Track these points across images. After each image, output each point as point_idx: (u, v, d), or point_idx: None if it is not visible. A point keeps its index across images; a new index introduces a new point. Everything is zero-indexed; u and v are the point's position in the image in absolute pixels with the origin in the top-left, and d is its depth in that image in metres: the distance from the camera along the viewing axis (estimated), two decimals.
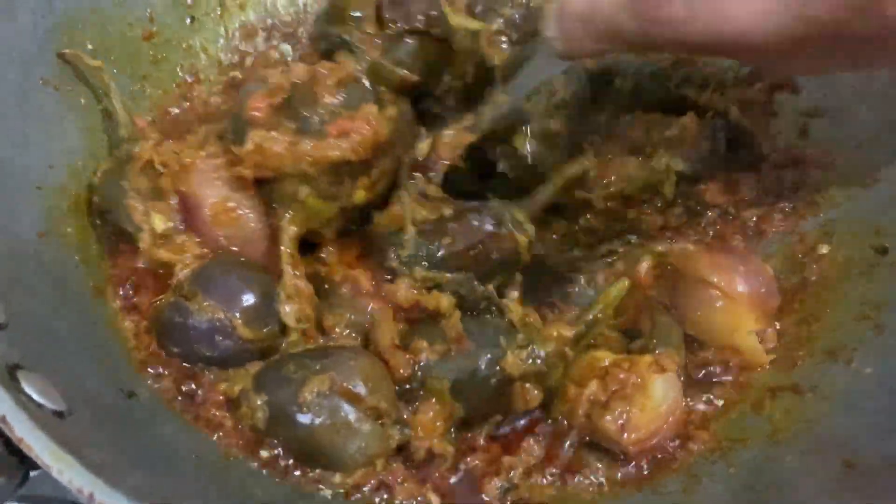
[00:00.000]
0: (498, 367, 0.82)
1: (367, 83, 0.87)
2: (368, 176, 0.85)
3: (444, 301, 0.85)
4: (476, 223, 0.89)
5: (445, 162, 0.98)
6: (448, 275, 0.87)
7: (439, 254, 0.88)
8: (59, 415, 0.69)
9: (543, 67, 0.87)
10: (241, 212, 0.88)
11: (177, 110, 1.11)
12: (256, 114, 0.81)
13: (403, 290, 0.86)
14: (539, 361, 0.83)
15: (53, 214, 0.92)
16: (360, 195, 0.86)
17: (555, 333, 0.84)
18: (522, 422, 0.90)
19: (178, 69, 1.13)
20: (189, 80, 1.14)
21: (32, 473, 0.69)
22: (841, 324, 0.95)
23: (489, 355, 0.83)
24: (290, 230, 0.85)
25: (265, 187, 0.86)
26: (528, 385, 0.83)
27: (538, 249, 0.96)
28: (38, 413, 0.66)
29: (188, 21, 1.15)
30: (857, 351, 0.92)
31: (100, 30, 1.04)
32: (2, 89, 0.90)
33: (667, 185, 0.98)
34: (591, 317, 0.87)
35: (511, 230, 0.89)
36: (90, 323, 0.88)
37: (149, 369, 0.87)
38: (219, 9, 1.18)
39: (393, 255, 0.88)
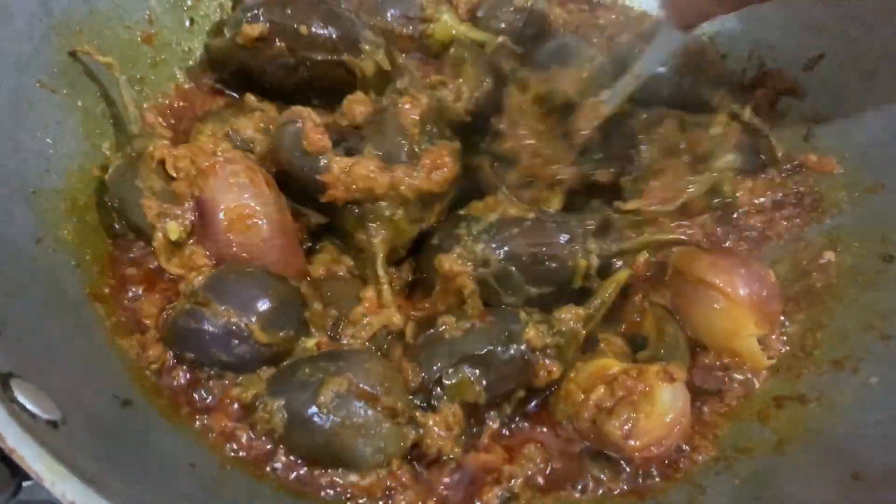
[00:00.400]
0: (520, 338, 0.87)
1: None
2: (441, 203, 0.96)
3: (468, 287, 0.91)
4: (551, 230, 0.93)
5: (584, 133, 1.00)
6: (500, 258, 0.91)
7: (504, 241, 0.92)
8: (52, 424, 0.68)
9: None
10: (256, 220, 0.90)
11: (178, 111, 1.11)
12: (317, 146, 0.92)
13: (454, 262, 0.91)
14: (557, 336, 0.89)
15: (50, 219, 0.91)
16: (432, 219, 0.97)
17: (567, 316, 0.90)
18: (527, 424, 0.90)
19: (177, 71, 1.12)
20: (188, 82, 1.13)
21: (25, 483, 0.68)
22: (847, 333, 0.95)
23: (511, 326, 0.88)
24: (382, 248, 0.94)
25: (352, 207, 0.94)
26: (548, 360, 0.88)
27: None
28: (32, 423, 0.65)
29: (187, 23, 1.15)
30: (862, 360, 0.91)
31: (97, 32, 1.03)
32: None
33: (726, 184, 1.00)
34: (598, 301, 0.92)
35: (577, 251, 0.92)
36: (85, 330, 0.87)
37: (158, 381, 0.87)
38: (218, 11, 1.17)
39: (464, 229, 0.94)
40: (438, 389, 0.85)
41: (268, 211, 0.91)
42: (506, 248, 0.91)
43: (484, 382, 0.86)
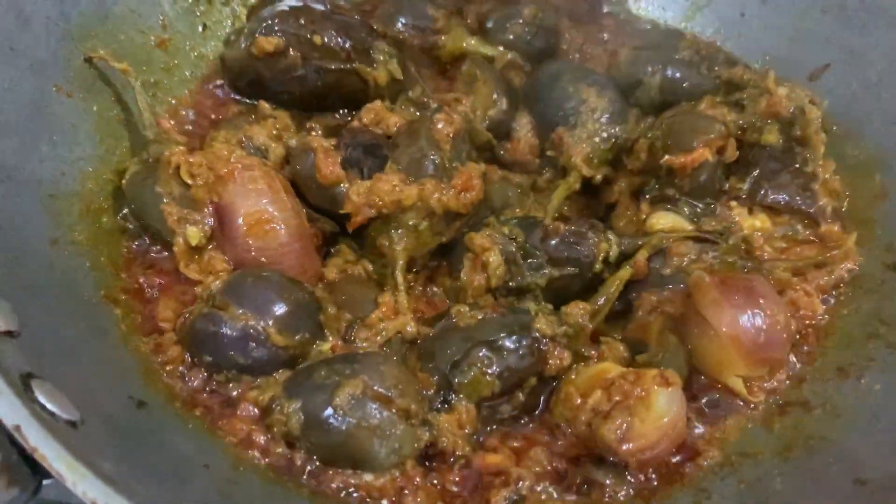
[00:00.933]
0: (531, 327, 0.90)
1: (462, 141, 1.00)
2: (462, 220, 0.99)
3: (495, 261, 0.94)
4: (574, 221, 1.00)
5: None
6: (526, 236, 0.97)
7: (530, 226, 0.98)
8: (71, 424, 0.68)
9: None
10: (274, 225, 0.92)
11: (191, 116, 1.12)
12: (330, 179, 0.94)
13: (484, 237, 0.96)
14: (566, 327, 0.92)
15: (65, 222, 0.92)
16: (451, 234, 0.99)
17: (575, 310, 0.94)
18: (531, 424, 0.91)
19: (190, 76, 1.14)
20: (201, 88, 1.14)
21: (45, 482, 0.69)
22: (851, 340, 0.96)
23: (522, 317, 0.91)
24: (403, 255, 0.95)
25: (379, 219, 0.95)
26: (559, 347, 0.91)
27: None
28: (52, 422, 0.66)
29: (200, 29, 1.16)
30: (867, 367, 0.92)
31: (113, 37, 1.04)
32: (15, 97, 0.90)
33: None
34: (603, 297, 0.97)
35: (599, 235, 0.98)
36: (101, 332, 0.88)
37: (173, 383, 0.88)
38: (231, 17, 1.18)
39: (492, 218, 1.00)
40: (456, 381, 0.86)
41: (286, 216, 0.92)
42: (531, 231, 0.98)
43: (497, 370, 0.87)
